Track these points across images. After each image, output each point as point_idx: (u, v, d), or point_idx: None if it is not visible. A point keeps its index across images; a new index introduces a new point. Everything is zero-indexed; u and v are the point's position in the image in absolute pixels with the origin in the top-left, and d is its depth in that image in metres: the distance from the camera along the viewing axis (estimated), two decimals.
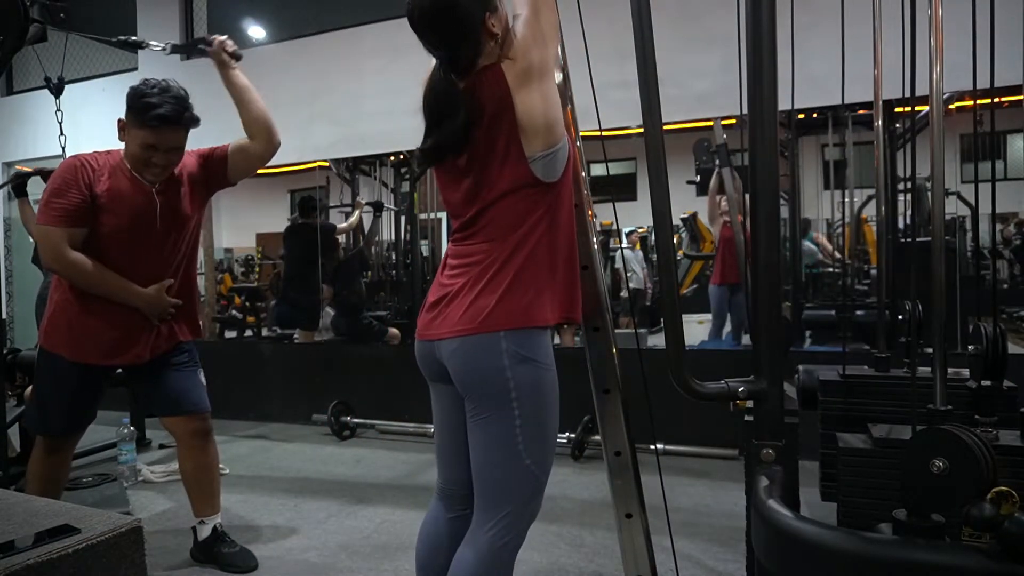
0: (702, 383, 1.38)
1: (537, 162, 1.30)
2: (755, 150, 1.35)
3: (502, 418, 1.30)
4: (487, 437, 1.33)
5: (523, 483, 1.33)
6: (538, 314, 1.31)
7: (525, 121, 1.29)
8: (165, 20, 5.33)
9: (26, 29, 2.19)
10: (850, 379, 1.82)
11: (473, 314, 1.30)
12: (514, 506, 1.33)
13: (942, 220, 1.26)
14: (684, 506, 2.90)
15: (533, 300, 1.30)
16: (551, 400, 1.35)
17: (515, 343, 1.29)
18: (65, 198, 2.08)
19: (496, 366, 1.29)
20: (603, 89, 1.72)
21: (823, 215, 6.80)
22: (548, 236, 1.33)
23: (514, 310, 1.29)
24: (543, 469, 1.35)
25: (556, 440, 1.39)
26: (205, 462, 2.40)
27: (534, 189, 1.31)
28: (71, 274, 2.14)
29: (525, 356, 1.29)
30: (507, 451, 1.31)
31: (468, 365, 1.31)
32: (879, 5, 1.98)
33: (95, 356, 2.21)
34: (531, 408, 1.31)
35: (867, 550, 0.91)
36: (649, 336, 6.95)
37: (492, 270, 1.31)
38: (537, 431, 1.33)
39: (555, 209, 1.34)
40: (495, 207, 1.32)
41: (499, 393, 1.30)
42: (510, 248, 1.31)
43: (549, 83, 1.32)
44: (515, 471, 1.32)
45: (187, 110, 2.14)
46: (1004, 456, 1.24)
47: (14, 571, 0.85)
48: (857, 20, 2.02)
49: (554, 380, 1.36)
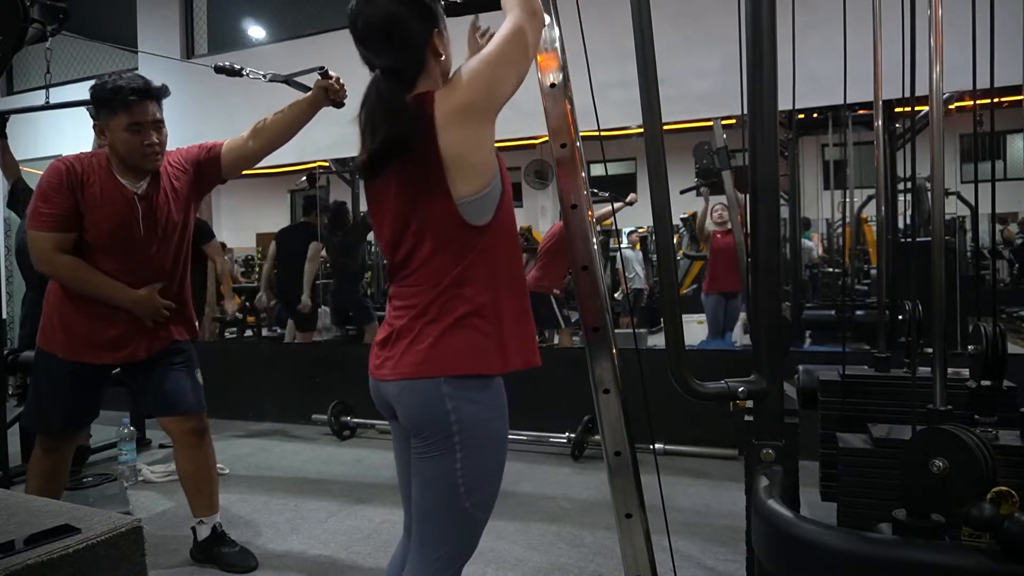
0: (702, 383, 1.37)
1: (464, 206, 1.22)
2: (755, 150, 1.35)
3: (444, 459, 1.25)
4: (428, 477, 1.28)
5: (461, 526, 1.28)
6: (481, 362, 1.25)
7: (451, 161, 1.21)
8: (165, 20, 5.34)
9: (26, 29, 2.19)
10: (850, 379, 1.82)
11: (412, 359, 1.25)
12: (449, 549, 1.29)
13: (942, 220, 1.26)
14: (684, 506, 2.90)
15: (475, 346, 1.24)
16: (496, 441, 1.30)
17: (457, 388, 1.24)
18: (52, 204, 2.08)
19: (439, 408, 1.24)
20: (603, 89, 1.73)
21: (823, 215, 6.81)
22: (485, 280, 1.25)
23: (454, 356, 1.24)
24: (484, 510, 1.29)
25: (500, 481, 1.33)
26: (202, 462, 2.39)
27: (465, 232, 1.24)
28: (60, 276, 2.16)
29: (469, 399, 1.25)
30: (447, 493, 1.26)
31: (411, 409, 1.28)
32: (879, 5, 1.98)
33: (89, 355, 2.21)
34: (474, 449, 1.25)
35: (867, 550, 0.91)
36: (649, 336, 6.97)
37: (429, 315, 1.25)
38: (480, 473, 1.27)
39: (491, 251, 1.27)
40: (426, 248, 1.25)
41: (442, 434, 1.24)
42: (445, 293, 1.24)
43: (486, 127, 1.23)
44: (454, 514, 1.26)
45: (150, 84, 2.14)
46: (1004, 456, 1.24)
47: (14, 571, 0.85)
48: (857, 20, 2.02)
49: (501, 424, 1.31)
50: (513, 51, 1.23)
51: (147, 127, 2.12)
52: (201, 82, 2.44)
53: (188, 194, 2.30)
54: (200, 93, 2.27)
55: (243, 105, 4.17)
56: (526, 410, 4.04)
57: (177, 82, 2.43)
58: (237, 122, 2.30)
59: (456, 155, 1.20)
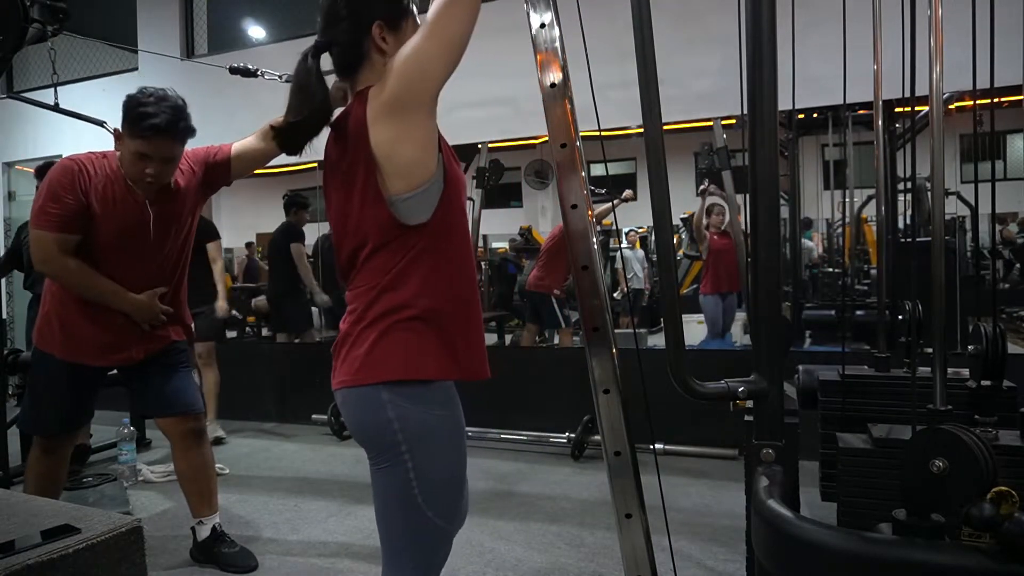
0: (702, 383, 1.37)
1: (396, 205, 1.17)
2: (755, 150, 1.35)
3: (395, 470, 1.20)
4: (383, 489, 1.23)
5: (424, 535, 1.23)
6: (420, 366, 1.19)
7: (381, 159, 1.15)
8: (165, 20, 5.34)
9: (26, 29, 2.19)
10: (850, 379, 1.82)
11: (350, 366, 1.21)
12: (417, 559, 1.24)
13: (942, 220, 1.26)
14: (684, 506, 2.90)
15: (413, 350, 1.18)
16: (447, 448, 1.24)
17: (397, 394, 1.18)
18: (60, 204, 2.05)
19: (380, 418, 1.19)
20: (603, 89, 1.72)
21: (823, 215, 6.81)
22: (424, 282, 1.19)
23: (391, 361, 1.18)
24: (447, 518, 1.24)
25: (463, 484, 1.28)
26: (200, 462, 2.39)
27: (400, 232, 1.18)
28: (62, 278, 2.14)
29: (411, 406, 1.19)
30: (405, 503, 1.20)
31: (353, 417, 1.23)
32: (879, 5, 1.98)
33: (87, 356, 2.20)
34: (424, 457, 1.20)
35: (867, 550, 0.91)
36: (649, 336, 6.97)
37: (367, 319, 1.20)
38: (435, 481, 1.21)
39: (432, 252, 1.20)
40: (366, 250, 1.21)
41: (388, 444, 1.19)
42: (382, 296, 1.19)
43: (417, 122, 1.16)
44: (415, 524, 1.21)
45: (182, 120, 2.08)
46: (1004, 456, 1.24)
47: (14, 571, 0.85)
48: (857, 20, 2.02)
49: (452, 423, 1.25)
50: (440, 36, 1.13)
51: (155, 161, 2.08)
52: (201, 81, 2.44)
53: (195, 196, 2.29)
54: (200, 92, 2.27)
55: (243, 104, 4.17)
56: (526, 410, 4.06)
57: (177, 81, 2.42)
58: (237, 121, 2.30)
59: (385, 152, 1.15)
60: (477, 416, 4.09)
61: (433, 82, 1.15)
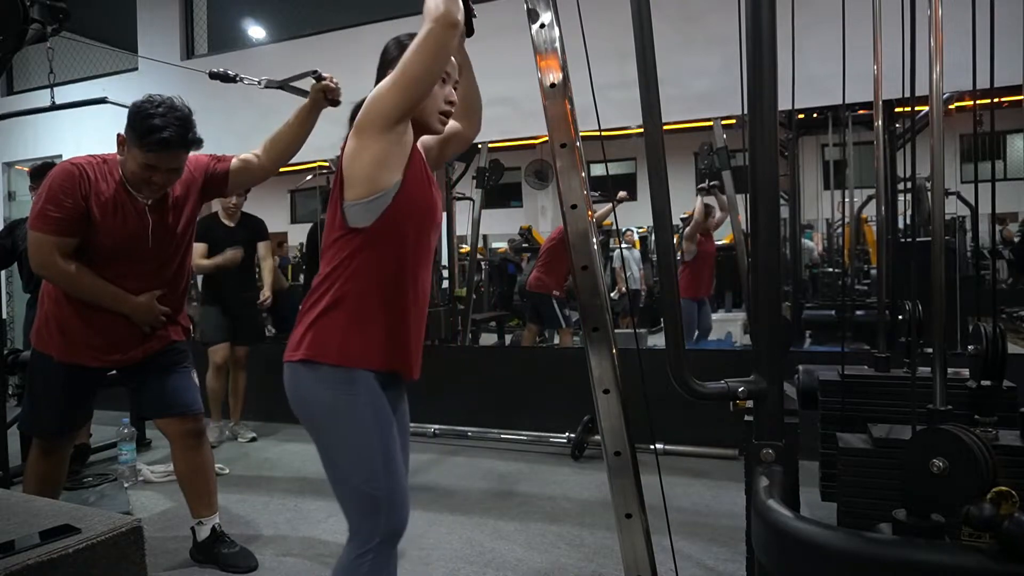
0: (702, 383, 1.37)
1: (346, 208, 1.35)
2: (755, 150, 1.35)
3: (321, 443, 1.40)
4: (321, 460, 1.41)
5: (358, 502, 1.38)
6: (341, 353, 1.35)
7: (343, 169, 1.36)
8: (165, 20, 5.33)
9: (26, 30, 2.18)
10: (850, 379, 1.82)
11: (290, 344, 1.40)
12: (358, 523, 1.38)
13: (942, 220, 1.26)
14: (684, 506, 2.90)
15: (339, 339, 1.35)
16: (358, 420, 1.37)
17: (315, 373, 1.36)
18: (60, 207, 2.04)
19: (301, 396, 1.39)
20: (603, 89, 1.72)
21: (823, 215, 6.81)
22: (356, 282, 1.36)
23: (314, 344, 1.36)
24: (377, 485, 1.36)
25: (389, 452, 1.39)
26: (199, 463, 2.39)
27: (345, 232, 1.37)
28: (60, 281, 2.13)
29: (325, 387, 1.36)
30: (334, 473, 1.40)
31: (287, 390, 1.41)
32: (879, 5, 1.98)
33: (84, 358, 2.19)
34: (341, 432, 1.37)
35: (867, 550, 0.91)
36: (649, 336, 6.97)
37: (307, 303, 1.40)
38: (354, 451, 1.37)
39: (370, 253, 1.36)
40: (326, 242, 1.41)
41: (310, 420, 1.39)
42: (321, 284, 1.39)
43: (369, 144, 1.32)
44: (347, 491, 1.39)
45: (191, 132, 2.08)
46: (1004, 456, 1.24)
47: (14, 571, 0.85)
48: (857, 20, 2.02)
49: (363, 402, 1.37)
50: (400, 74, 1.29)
51: (161, 172, 2.09)
52: (201, 82, 2.43)
53: (194, 202, 2.29)
54: (200, 93, 2.28)
55: (243, 106, 4.16)
56: (526, 410, 4.06)
57: (177, 83, 2.43)
58: (236, 123, 2.31)
59: (347, 163, 1.35)
60: (477, 416, 4.09)
61: (385, 111, 1.30)
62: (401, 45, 1.39)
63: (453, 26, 1.26)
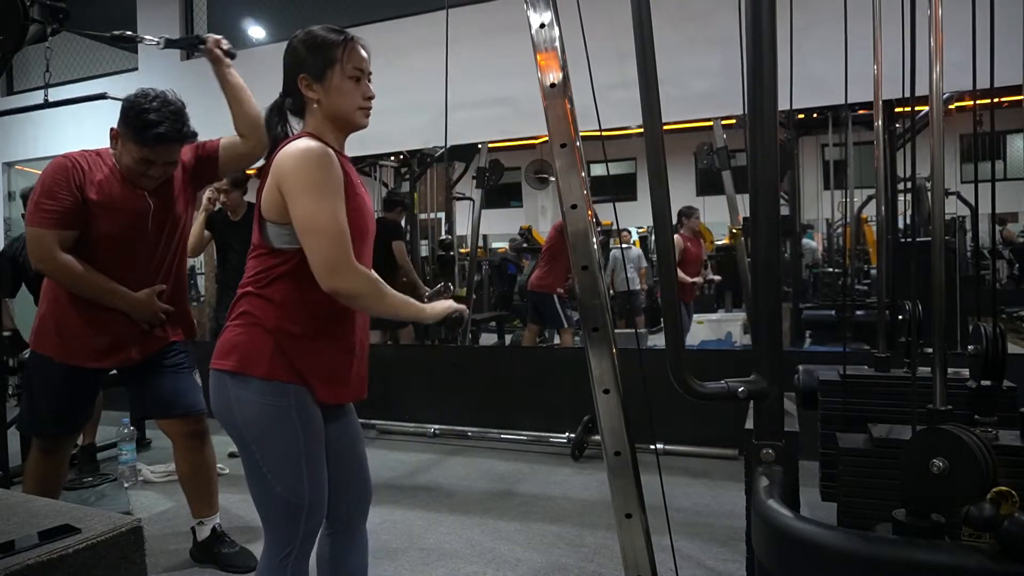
0: (702, 383, 1.37)
1: (264, 224, 1.39)
2: (755, 150, 1.35)
3: (244, 451, 1.40)
4: (245, 467, 1.41)
5: (278, 507, 1.39)
6: (258, 367, 1.36)
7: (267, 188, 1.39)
8: (165, 20, 5.33)
9: (26, 29, 2.18)
10: (850, 379, 1.82)
11: (216, 349, 1.41)
12: (277, 529, 1.40)
13: (942, 220, 1.26)
14: (684, 506, 2.90)
15: (262, 351, 1.36)
16: (282, 428, 1.38)
17: (236, 382, 1.37)
18: (55, 200, 2.04)
19: (225, 405, 1.39)
20: (603, 89, 1.73)
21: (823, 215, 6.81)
22: (281, 296, 1.37)
23: (236, 354, 1.37)
24: (297, 492, 1.38)
25: (312, 461, 1.41)
26: (201, 463, 2.39)
27: (268, 248, 1.40)
28: (60, 276, 2.12)
29: (246, 394, 1.36)
30: (257, 480, 1.39)
31: (210, 396, 1.43)
32: (879, 5, 1.97)
33: (83, 359, 2.18)
34: (263, 439, 1.37)
35: (867, 550, 0.91)
36: (649, 336, 6.97)
37: (234, 313, 1.43)
38: (278, 459, 1.38)
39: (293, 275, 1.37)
40: (251, 251, 1.45)
41: (234, 428, 1.39)
42: (244, 297, 1.41)
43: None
44: (268, 498, 1.39)
45: (185, 124, 2.09)
46: (1004, 456, 1.24)
47: (14, 571, 0.85)
48: (857, 20, 2.02)
49: (286, 413, 1.38)
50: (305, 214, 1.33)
51: (158, 165, 2.10)
52: (201, 81, 2.44)
53: (188, 190, 2.29)
54: (200, 92, 2.28)
55: None
56: (526, 410, 4.06)
57: (176, 81, 2.42)
58: None
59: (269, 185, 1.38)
60: (477, 416, 4.09)
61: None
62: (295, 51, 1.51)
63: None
